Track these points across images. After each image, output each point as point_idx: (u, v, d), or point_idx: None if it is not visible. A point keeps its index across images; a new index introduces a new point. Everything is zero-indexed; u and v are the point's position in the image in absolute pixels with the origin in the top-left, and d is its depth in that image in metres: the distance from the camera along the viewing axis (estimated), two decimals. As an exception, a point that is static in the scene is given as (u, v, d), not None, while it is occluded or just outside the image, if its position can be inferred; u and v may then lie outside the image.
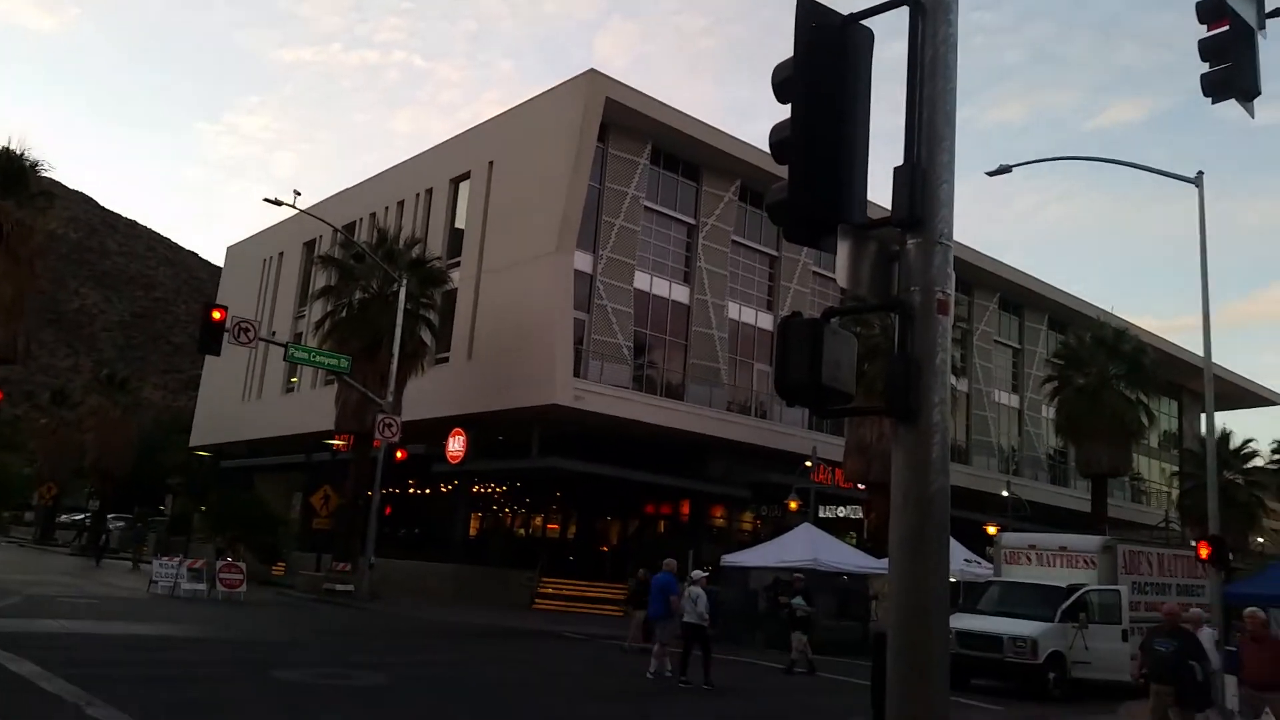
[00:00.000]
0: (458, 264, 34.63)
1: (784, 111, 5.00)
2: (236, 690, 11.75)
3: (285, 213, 31.96)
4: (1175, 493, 46.99)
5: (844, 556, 25.83)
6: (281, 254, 46.13)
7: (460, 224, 35.92)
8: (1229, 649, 15.20)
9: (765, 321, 37.05)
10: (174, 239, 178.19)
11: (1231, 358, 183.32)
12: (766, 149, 5.18)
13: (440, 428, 32.43)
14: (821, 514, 32.95)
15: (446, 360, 33.79)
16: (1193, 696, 10.22)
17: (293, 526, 40.91)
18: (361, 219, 39.80)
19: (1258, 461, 44.59)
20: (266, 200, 29.31)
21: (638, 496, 36.17)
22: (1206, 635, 14.35)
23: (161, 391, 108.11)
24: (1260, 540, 48.18)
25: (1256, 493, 43.36)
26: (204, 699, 10.95)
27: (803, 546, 25.25)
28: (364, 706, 11.04)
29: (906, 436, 4.75)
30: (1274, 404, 57.43)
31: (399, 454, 28.73)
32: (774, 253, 37.54)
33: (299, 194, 29.56)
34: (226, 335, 24.53)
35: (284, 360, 30.72)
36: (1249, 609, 11.57)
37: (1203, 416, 24.43)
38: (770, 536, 31.26)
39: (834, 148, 4.80)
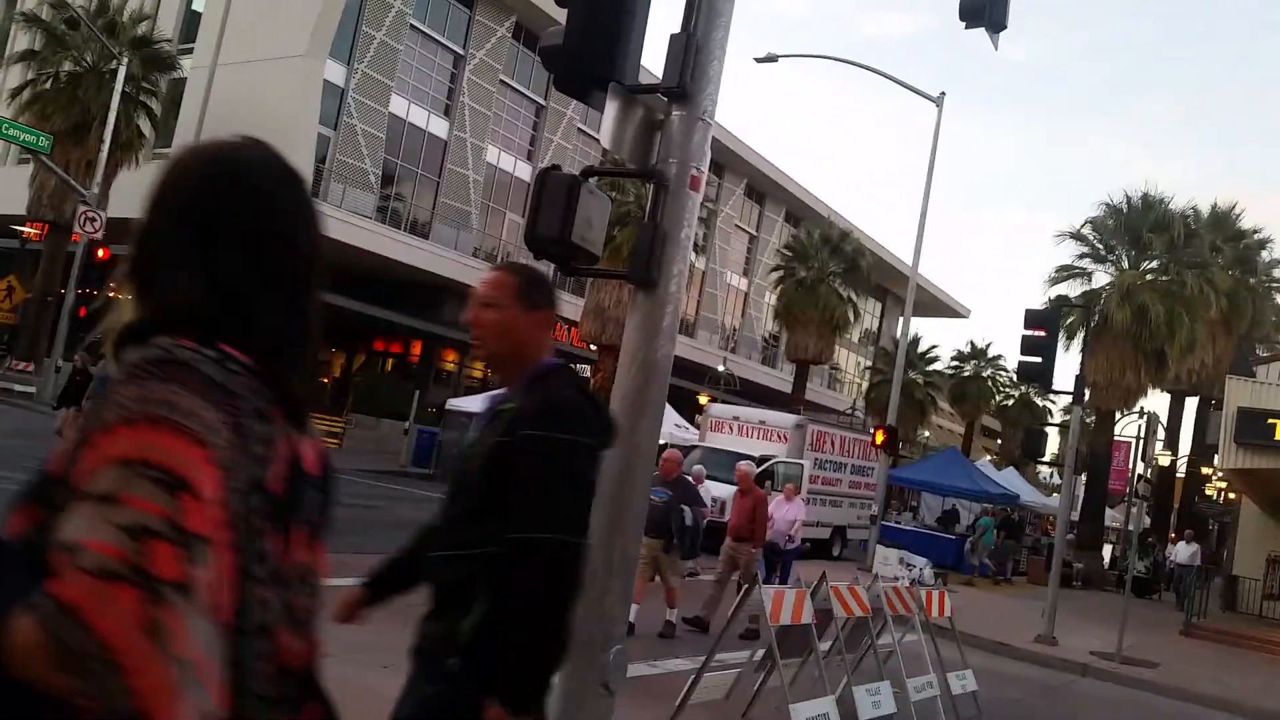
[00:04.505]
0: (190, 51, 31.13)
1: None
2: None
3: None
4: (865, 384, 52.22)
5: (566, 411, 26.70)
6: (-28, 0, 39.41)
7: (198, 6, 32.16)
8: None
9: (523, 171, 36.45)
10: None
11: (936, 270, 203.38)
12: (548, -11, 4.99)
13: (154, 230, 29.65)
14: (551, 369, 33.69)
15: (167, 156, 30.64)
16: (679, 542, 9.79)
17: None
18: (78, -23, 34.59)
19: (938, 365, 50.27)
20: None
21: (368, 331, 35.19)
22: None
23: None
24: (927, 434, 54.79)
25: (932, 393, 48.99)
26: None
27: (528, 397, 25.80)
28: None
29: (643, 303, 4.92)
30: (963, 317, 64.56)
31: (101, 252, 26.06)
32: (541, 101, 36.71)
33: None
34: (-108, 85, 20.89)
35: (-33, 127, 26.57)
36: (740, 462, 11.86)
37: (901, 320, 27.18)
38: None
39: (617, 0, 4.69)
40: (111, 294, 1.30)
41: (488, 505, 2.27)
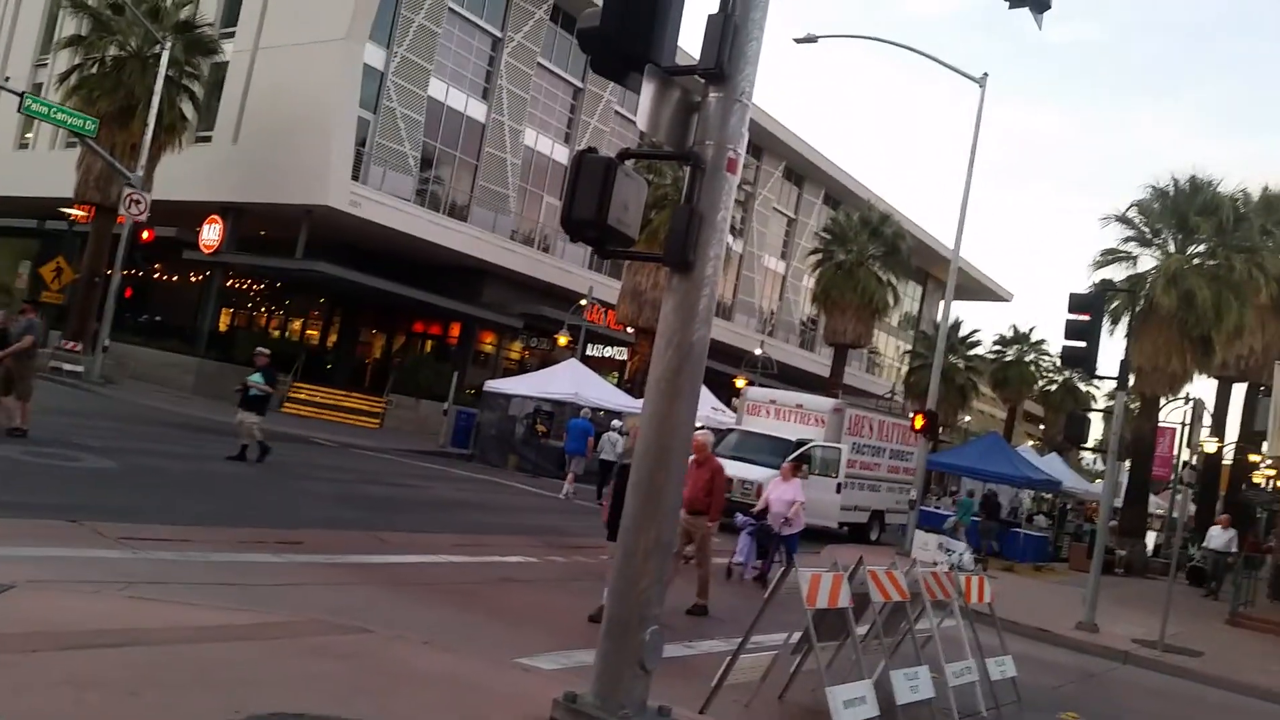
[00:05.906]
0: (232, 35, 31.43)
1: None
2: (-62, 465, 10.82)
3: (28, -62, 27.52)
4: (904, 369, 51.73)
5: (604, 393, 26.79)
6: (21, -13, 40.04)
7: (240, -9, 32.44)
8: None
9: (560, 154, 36.46)
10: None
11: (978, 253, 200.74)
12: (585, -30, 4.96)
13: (196, 212, 30.10)
14: (589, 352, 33.80)
15: (209, 140, 31.05)
16: None
17: (18, 296, 37.26)
18: (123, -37, 35.00)
19: (979, 350, 49.69)
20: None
21: (408, 313, 35.54)
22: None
23: None
24: (968, 419, 54.22)
25: (973, 377, 48.46)
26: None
27: (566, 380, 25.92)
28: (88, 490, 10.49)
29: (679, 285, 4.91)
30: (1006, 301, 63.68)
31: (146, 234, 26.48)
32: (579, 84, 36.65)
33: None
34: (-55, 71, 21.28)
35: (19, 112, 26.84)
36: (697, 430, 11.28)
37: (941, 304, 26.93)
38: (537, 368, 31.80)
39: (654, -18, 4.67)
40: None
41: None
